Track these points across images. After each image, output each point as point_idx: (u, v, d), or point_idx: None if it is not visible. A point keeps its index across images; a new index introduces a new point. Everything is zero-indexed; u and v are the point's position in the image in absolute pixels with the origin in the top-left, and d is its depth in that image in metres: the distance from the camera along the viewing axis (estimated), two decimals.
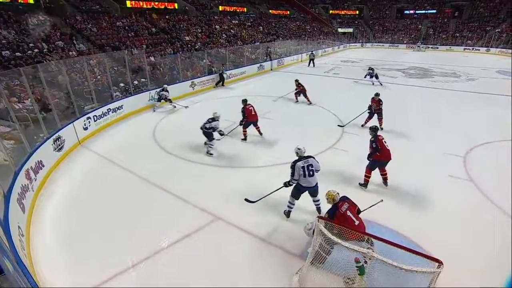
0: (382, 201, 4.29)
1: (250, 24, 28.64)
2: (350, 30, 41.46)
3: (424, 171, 6.11)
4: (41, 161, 5.74)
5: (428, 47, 34.59)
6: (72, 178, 6.07)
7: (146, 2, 20.79)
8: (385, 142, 5.32)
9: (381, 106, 8.29)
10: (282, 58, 21.13)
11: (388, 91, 13.44)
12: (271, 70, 19.24)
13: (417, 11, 43.08)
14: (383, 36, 40.65)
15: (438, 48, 34.46)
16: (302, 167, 4.34)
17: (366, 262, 2.79)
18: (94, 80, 10.98)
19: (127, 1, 19.67)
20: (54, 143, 6.43)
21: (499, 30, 32.88)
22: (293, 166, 4.40)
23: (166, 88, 10.50)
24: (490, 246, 4.13)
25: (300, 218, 4.67)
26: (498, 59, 25.82)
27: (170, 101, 10.52)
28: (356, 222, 3.49)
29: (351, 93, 13.52)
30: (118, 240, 4.32)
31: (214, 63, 15.42)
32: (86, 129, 7.90)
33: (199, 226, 4.55)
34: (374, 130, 5.50)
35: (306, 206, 4.76)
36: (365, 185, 5.53)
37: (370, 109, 8.43)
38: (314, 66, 20.39)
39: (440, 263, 2.54)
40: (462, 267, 3.62)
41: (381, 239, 2.91)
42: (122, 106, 9.55)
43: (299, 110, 10.61)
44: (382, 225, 4.38)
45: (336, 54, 30.40)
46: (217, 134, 7.00)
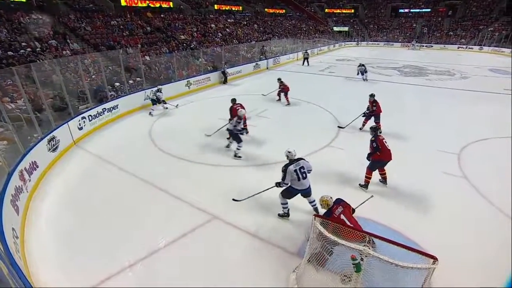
0: (372, 196, 4.35)
1: (245, 23, 28.56)
2: (346, 28, 41.63)
3: (418, 169, 6.16)
4: (35, 161, 5.68)
5: (422, 46, 34.86)
6: (67, 179, 6.01)
7: (141, 0, 20.59)
8: (385, 142, 5.25)
9: (374, 107, 7.98)
10: (278, 57, 21.12)
11: (384, 90, 13.52)
12: (267, 68, 19.23)
13: (411, 10, 43.41)
14: (378, 34, 40.89)
15: (432, 46, 34.76)
16: (295, 171, 4.29)
17: (362, 260, 2.81)
18: (89, 79, 10.87)
19: None
20: (49, 144, 6.37)
21: (492, 29, 33.27)
22: (284, 170, 4.33)
23: (161, 89, 10.37)
24: (487, 243, 4.16)
25: (297, 217, 4.69)
26: (491, 58, 26.19)
27: (164, 102, 10.38)
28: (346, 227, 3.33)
29: (347, 91, 13.60)
30: (114, 240, 4.30)
31: (215, 61, 15.41)
32: (81, 129, 7.83)
33: (196, 225, 4.54)
34: (374, 129, 5.43)
35: (304, 206, 4.76)
36: (365, 186, 5.43)
37: (367, 109, 8.22)
38: (308, 64, 20.39)
39: (435, 259, 2.58)
40: (458, 265, 3.65)
41: (377, 236, 2.93)
42: (117, 105, 9.47)
43: (296, 109, 10.62)
44: (378, 222, 4.42)
45: (331, 52, 30.48)
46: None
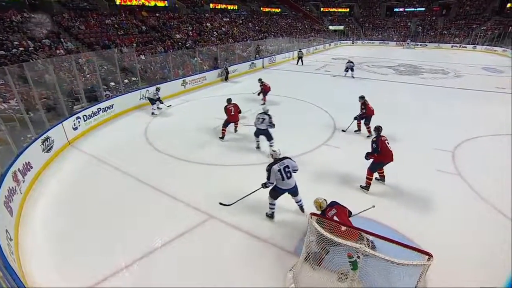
0: (374, 207, 4.23)
1: (241, 21, 28.51)
2: (341, 27, 41.73)
3: (415, 167, 6.21)
4: (29, 162, 5.61)
5: (417, 45, 35.10)
6: (62, 179, 5.95)
7: None
8: (388, 144, 5.13)
9: (363, 110, 7.61)
10: (273, 56, 21.11)
11: (379, 88, 13.61)
12: (263, 67, 19.22)
13: (406, 9, 43.72)
14: (374, 33, 41.11)
15: (427, 45, 35.03)
16: (279, 170, 4.27)
17: (359, 257, 2.83)
18: (83, 79, 10.76)
19: None
20: (43, 144, 6.29)
21: (485, 28, 33.65)
22: (268, 170, 4.31)
23: (159, 88, 10.23)
24: (484, 241, 4.18)
25: (293, 216, 4.71)
26: (484, 56, 26.48)
27: (161, 101, 10.27)
28: (342, 228, 3.21)
29: (343, 90, 13.61)
30: (110, 240, 4.27)
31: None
32: (75, 129, 7.75)
33: (193, 225, 4.53)
34: (377, 130, 5.29)
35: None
36: (367, 187, 5.31)
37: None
38: (302, 64, 20.31)
39: (430, 256, 2.61)
40: (457, 264, 3.70)
41: (373, 234, 2.96)
42: (112, 105, 9.40)
43: (292, 108, 10.63)
44: (374, 220, 4.44)
45: (327, 51, 30.55)
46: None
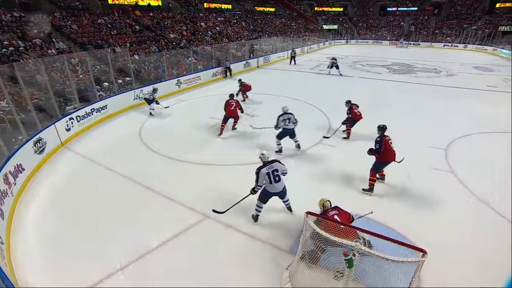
0: (372, 212, 4.31)
1: (235, 21, 28.45)
2: (335, 27, 41.93)
3: (409, 165, 6.21)
4: (20, 164, 5.51)
5: (410, 44, 35.49)
6: (55, 181, 5.86)
7: None
8: (391, 143, 5.09)
9: (349, 114, 7.38)
10: (268, 55, 21.10)
11: (373, 87, 13.72)
12: (258, 67, 19.20)
13: (399, 8, 44.14)
14: (367, 33, 41.42)
15: (419, 44, 35.43)
16: (267, 173, 4.23)
17: (354, 255, 2.85)
18: (76, 79, 10.61)
19: None
20: (35, 146, 6.19)
21: (475, 27, 34.18)
22: (257, 173, 4.28)
23: (157, 89, 10.05)
24: (480, 241, 4.21)
25: (288, 215, 4.73)
26: (475, 55, 26.90)
27: (157, 102, 10.14)
28: (340, 227, 3.17)
29: (339, 89, 13.67)
30: (106, 242, 4.22)
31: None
32: (69, 130, 7.64)
33: (189, 225, 4.51)
34: (381, 129, 5.15)
35: (297, 204, 4.74)
36: (371, 189, 5.20)
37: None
38: (295, 63, 20.27)
39: (424, 253, 2.64)
40: (450, 262, 3.75)
41: (368, 232, 2.98)
42: (106, 105, 9.29)
43: (291, 107, 10.60)
44: (370, 219, 4.45)
45: (321, 50, 30.66)
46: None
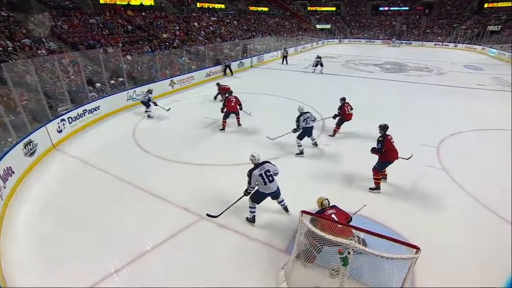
0: (365, 206, 4.44)
1: (229, 21, 28.37)
2: (328, 26, 42.16)
3: (403, 163, 6.30)
4: (10, 167, 5.40)
5: (402, 43, 35.90)
6: (46, 183, 5.77)
7: None
8: (393, 142, 5.11)
9: (339, 111, 7.44)
10: (262, 55, 21.10)
11: (366, 86, 13.83)
12: (251, 67, 19.19)
13: (391, 8, 44.61)
14: (360, 32, 41.74)
15: (411, 43, 35.87)
16: (260, 175, 4.22)
17: (349, 253, 2.87)
18: (67, 80, 10.44)
19: None
20: (25, 148, 6.07)
21: (465, 27, 34.77)
22: (249, 175, 4.27)
23: (151, 90, 9.83)
24: (478, 240, 4.25)
25: (283, 214, 4.73)
26: (465, 54, 27.39)
27: (155, 103, 9.93)
28: (337, 226, 3.23)
29: (332, 88, 13.71)
30: (99, 245, 4.17)
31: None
32: (60, 131, 7.51)
33: (184, 226, 4.49)
34: (383, 128, 5.15)
35: (293, 204, 4.74)
36: (377, 187, 5.19)
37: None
38: (287, 63, 20.25)
39: (417, 249, 2.67)
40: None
41: (363, 230, 3.00)
42: (98, 106, 9.17)
43: (283, 107, 10.66)
44: (366, 217, 4.48)
45: (314, 50, 30.75)
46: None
